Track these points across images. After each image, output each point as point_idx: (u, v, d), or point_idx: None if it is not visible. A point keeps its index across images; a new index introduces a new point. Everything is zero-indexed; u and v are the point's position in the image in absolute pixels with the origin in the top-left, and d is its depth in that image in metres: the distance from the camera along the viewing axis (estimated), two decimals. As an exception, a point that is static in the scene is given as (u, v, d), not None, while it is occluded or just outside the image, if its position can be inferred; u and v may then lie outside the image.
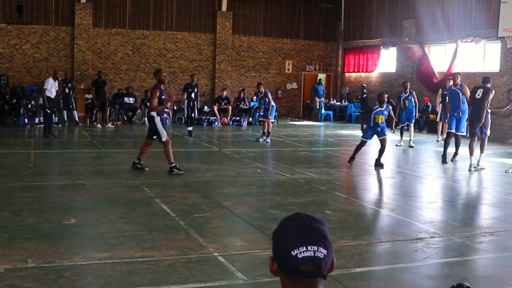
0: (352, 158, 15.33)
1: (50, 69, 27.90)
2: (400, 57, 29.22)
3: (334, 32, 34.46)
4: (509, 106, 14.81)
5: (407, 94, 20.67)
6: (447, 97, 20.28)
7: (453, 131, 16.24)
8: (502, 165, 16.26)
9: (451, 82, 20.53)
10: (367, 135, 15.29)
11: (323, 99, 32.00)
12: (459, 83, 16.40)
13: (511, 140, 22.20)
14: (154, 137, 13.10)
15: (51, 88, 20.10)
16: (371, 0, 31.70)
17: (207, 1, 30.97)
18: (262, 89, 20.86)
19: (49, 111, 19.77)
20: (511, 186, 12.98)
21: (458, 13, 25.41)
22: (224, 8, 31.07)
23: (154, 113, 12.94)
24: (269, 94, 20.59)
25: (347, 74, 34.24)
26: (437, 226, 9.02)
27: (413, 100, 20.56)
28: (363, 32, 32.43)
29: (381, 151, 14.99)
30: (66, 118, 24.23)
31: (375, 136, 15.26)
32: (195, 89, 22.06)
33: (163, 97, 12.90)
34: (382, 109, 15.00)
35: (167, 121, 24.10)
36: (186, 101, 22.06)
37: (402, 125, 20.63)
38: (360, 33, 32.74)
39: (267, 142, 19.72)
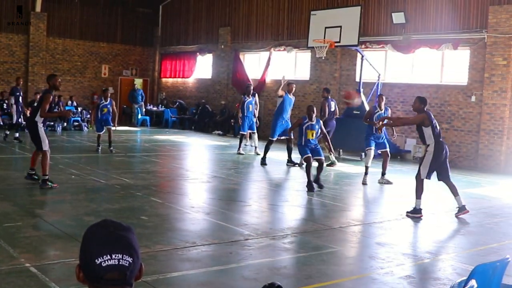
0: (317, 184, 13.45)
1: None
2: (216, 64, 29.75)
3: (151, 37, 34.42)
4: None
5: (250, 99, 19.91)
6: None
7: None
8: (313, 169, 16.97)
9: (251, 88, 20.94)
10: (305, 152, 13.45)
11: (142, 103, 31.74)
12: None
13: (321, 145, 23.28)
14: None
15: None
16: (188, 6, 32.03)
17: (20, 1, 29.70)
18: (108, 97, 19.55)
19: None
20: (319, 189, 13.61)
21: (272, 23, 26.37)
22: (38, 8, 29.97)
23: (38, 119, 11.91)
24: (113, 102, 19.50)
25: (164, 79, 34.33)
26: (251, 229, 9.30)
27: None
28: (180, 38, 32.68)
29: (320, 170, 13.54)
30: None
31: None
32: (21, 93, 21.10)
33: (53, 104, 12.11)
34: (313, 123, 13.63)
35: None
36: (15, 106, 20.98)
37: (244, 133, 19.99)
38: (177, 39, 32.95)
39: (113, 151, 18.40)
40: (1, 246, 7.58)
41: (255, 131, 20.14)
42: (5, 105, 25.28)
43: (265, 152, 17.03)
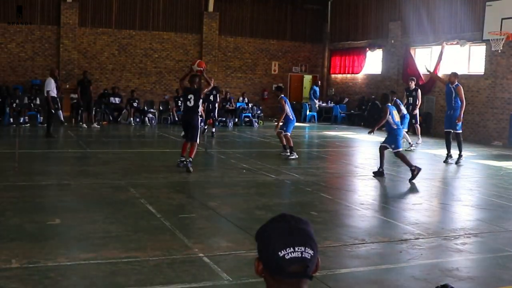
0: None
1: (36, 68, 27.85)
2: (386, 59, 29.31)
3: (320, 34, 34.50)
4: None
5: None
6: (409, 98, 20.33)
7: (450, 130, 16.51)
8: (487, 167, 16.36)
9: (413, 84, 20.54)
10: None
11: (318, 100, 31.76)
12: (456, 82, 16.40)
13: (495, 142, 22.34)
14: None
15: (53, 88, 20.01)
16: (357, 2, 31.78)
17: (193, 2, 30.93)
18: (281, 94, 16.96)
19: (53, 112, 19.69)
20: (496, 188, 13.04)
21: (443, 16, 25.53)
22: (210, 8, 31.04)
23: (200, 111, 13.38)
24: (284, 100, 16.54)
25: (333, 75, 34.29)
26: (422, 228, 9.05)
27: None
28: (349, 34, 32.51)
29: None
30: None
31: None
32: (213, 91, 21.99)
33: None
34: None
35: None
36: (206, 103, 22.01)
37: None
38: (346, 34, 32.80)
39: (293, 157, 16.29)
40: (176, 236, 7.89)
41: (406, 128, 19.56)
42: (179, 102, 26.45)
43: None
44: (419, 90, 20.66)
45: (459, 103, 16.18)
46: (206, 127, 21.84)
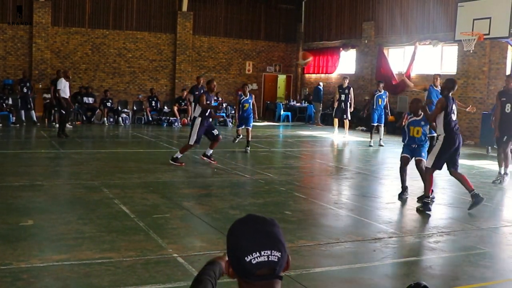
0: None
1: (8, 68, 27.55)
2: (359, 59, 29.45)
3: (294, 33, 34.57)
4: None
5: (381, 93, 20.82)
6: (341, 95, 22.13)
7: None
8: (460, 165, 16.45)
9: (347, 82, 22.25)
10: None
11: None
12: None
13: (468, 142, 22.54)
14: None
15: (65, 88, 19.84)
16: (331, 2, 31.89)
17: (167, 1, 30.82)
18: (247, 91, 18.45)
19: (64, 112, 19.54)
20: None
21: (416, 16, 25.73)
22: (184, 8, 30.94)
23: (196, 115, 14.17)
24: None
25: (307, 75, 34.36)
26: (395, 226, 9.13)
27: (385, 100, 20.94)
28: (323, 34, 32.60)
29: None
30: (24, 118, 23.90)
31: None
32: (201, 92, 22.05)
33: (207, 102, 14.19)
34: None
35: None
36: (193, 104, 22.09)
37: (374, 124, 20.98)
38: (320, 34, 32.90)
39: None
40: (150, 236, 7.86)
41: (382, 124, 20.98)
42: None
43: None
44: (351, 89, 23.30)
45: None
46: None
